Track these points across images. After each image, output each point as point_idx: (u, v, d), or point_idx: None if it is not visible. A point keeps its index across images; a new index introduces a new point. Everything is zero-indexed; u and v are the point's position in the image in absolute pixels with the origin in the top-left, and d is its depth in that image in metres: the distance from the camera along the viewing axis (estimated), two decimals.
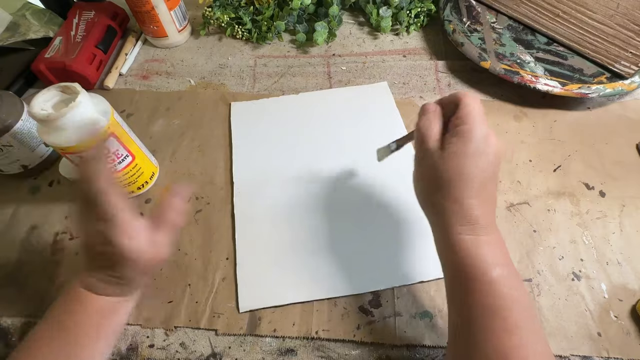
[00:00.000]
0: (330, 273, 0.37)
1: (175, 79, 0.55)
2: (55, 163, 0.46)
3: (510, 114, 0.48)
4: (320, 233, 0.39)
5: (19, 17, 0.56)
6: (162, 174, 0.45)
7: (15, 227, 0.41)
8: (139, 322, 0.35)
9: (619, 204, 0.40)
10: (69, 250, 0.40)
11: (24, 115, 0.41)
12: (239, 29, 0.58)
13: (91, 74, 0.52)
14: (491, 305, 0.24)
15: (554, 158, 0.44)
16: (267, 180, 0.43)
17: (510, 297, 0.24)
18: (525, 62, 0.50)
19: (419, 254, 0.37)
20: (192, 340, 0.35)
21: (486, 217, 0.26)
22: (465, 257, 0.25)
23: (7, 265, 0.39)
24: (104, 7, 0.57)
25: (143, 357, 0.34)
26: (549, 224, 0.39)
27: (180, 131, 0.48)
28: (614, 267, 0.37)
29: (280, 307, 0.35)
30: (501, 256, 0.26)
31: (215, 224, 0.41)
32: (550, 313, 0.34)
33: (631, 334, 0.33)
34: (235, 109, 0.50)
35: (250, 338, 0.34)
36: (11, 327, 0.36)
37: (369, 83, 0.52)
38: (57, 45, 0.52)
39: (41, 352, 0.26)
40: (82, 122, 0.33)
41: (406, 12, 0.57)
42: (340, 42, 0.58)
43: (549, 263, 0.37)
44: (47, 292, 0.37)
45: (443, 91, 0.51)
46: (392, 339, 0.34)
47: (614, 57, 0.47)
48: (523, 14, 0.54)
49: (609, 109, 0.48)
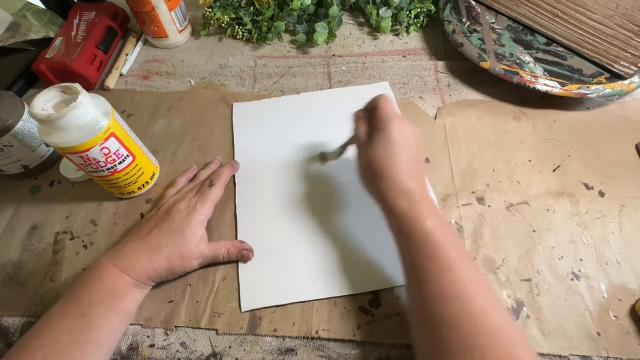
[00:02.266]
0: (330, 273, 0.37)
1: (176, 79, 0.55)
2: (55, 163, 0.46)
3: (509, 114, 0.48)
4: (321, 232, 0.39)
5: (20, 18, 0.56)
6: (163, 174, 0.45)
7: (16, 227, 0.42)
8: (140, 321, 0.35)
9: (618, 204, 0.40)
10: (70, 250, 0.40)
11: (25, 115, 0.41)
12: (239, 30, 0.58)
13: (92, 75, 0.52)
14: (428, 250, 0.29)
15: (553, 158, 0.44)
16: (269, 180, 0.43)
17: (443, 241, 0.29)
18: (524, 63, 0.50)
19: None
20: (193, 340, 0.35)
21: (417, 188, 0.32)
22: (403, 215, 0.31)
23: (7, 265, 0.39)
24: (104, 7, 0.57)
25: (143, 357, 0.34)
26: (548, 224, 0.39)
27: (180, 131, 0.49)
28: (613, 267, 0.37)
29: (280, 307, 0.36)
30: (431, 212, 0.31)
31: (216, 223, 0.41)
32: (549, 313, 0.35)
33: (630, 333, 0.33)
34: (237, 109, 0.50)
35: (250, 338, 0.34)
36: (11, 327, 0.36)
37: (369, 83, 0.52)
38: (58, 45, 0.52)
39: (57, 323, 0.30)
40: (82, 122, 0.33)
41: (406, 12, 0.57)
42: (340, 42, 0.58)
43: (549, 263, 0.37)
44: (47, 292, 0.37)
45: (443, 91, 0.51)
46: (392, 338, 0.34)
47: (613, 58, 0.47)
48: (522, 15, 0.54)
49: (608, 109, 0.48)
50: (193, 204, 0.37)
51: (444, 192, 0.42)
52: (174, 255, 0.34)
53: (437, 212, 0.31)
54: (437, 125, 0.47)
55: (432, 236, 0.29)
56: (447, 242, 0.29)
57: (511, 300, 0.35)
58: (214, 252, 0.36)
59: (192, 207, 0.37)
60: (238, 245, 0.37)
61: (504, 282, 0.36)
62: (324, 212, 0.41)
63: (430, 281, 0.28)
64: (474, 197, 0.41)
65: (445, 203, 0.41)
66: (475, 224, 0.40)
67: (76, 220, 0.42)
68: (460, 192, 0.42)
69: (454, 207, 0.41)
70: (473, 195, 0.42)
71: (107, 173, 0.38)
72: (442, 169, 0.44)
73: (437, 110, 0.49)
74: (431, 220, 0.30)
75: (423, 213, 0.30)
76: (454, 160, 0.44)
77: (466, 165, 0.44)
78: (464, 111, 0.49)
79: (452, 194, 0.42)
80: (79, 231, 0.41)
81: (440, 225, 0.30)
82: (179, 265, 0.35)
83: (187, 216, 0.36)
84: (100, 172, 0.37)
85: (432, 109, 0.49)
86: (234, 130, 0.48)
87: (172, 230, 0.35)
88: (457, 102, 0.50)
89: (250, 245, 0.38)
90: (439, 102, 0.50)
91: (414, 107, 0.49)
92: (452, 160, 0.44)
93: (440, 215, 0.31)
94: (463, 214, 0.40)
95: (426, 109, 0.49)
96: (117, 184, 0.40)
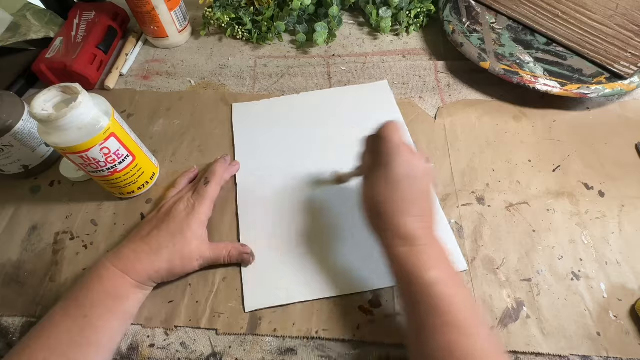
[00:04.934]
0: (330, 273, 0.37)
1: (176, 79, 0.55)
2: (56, 163, 0.46)
3: (509, 114, 0.48)
4: (322, 232, 0.39)
5: (20, 18, 0.56)
6: (163, 174, 0.45)
7: (16, 227, 0.42)
8: (140, 321, 0.35)
9: (618, 204, 0.40)
10: (70, 250, 0.40)
11: (25, 115, 0.41)
12: (239, 30, 0.58)
13: (92, 75, 0.52)
14: (430, 305, 0.26)
15: (553, 158, 0.44)
16: (270, 180, 0.44)
17: (449, 295, 0.26)
18: (524, 63, 0.50)
19: None
20: (193, 340, 0.35)
21: (419, 230, 0.29)
22: (403, 265, 0.28)
23: (7, 265, 0.39)
24: (104, 7, 0.57)
25: (144, 357, 0.34)
26: (548, 224, 0.39)
27: (180, 131, 0.49)
28: (613, 267, 0.37)
29: (280, 307, 0.36)
30: (436, 261, 0.28)
31: (217, 224, 0.41)
32: (549, 313, 0.35)
33: (630, 333, 0.33)
34: (237, 109, 0.50)
35: (250, 338, 0.34)
36: (11, 327, 0.36)
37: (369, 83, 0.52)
38: (58, 45, 0.52)
39: (58, 325, 0.30)
40: (82, 122, 0.33)
41: (406, 12, 0.57)
42: (340, 42, 0.58)
43: (549, 263, 0.37)
44: (47, 292, 0.37)
45: (443, 91, 0.51)
46: (392, 338, 0.34)
47: (613, 58, 0.47)
48: (522, 15, 0.54)
49: (608, 109, 0.48)
50: (192, 204, 0.37)
51: (444, 192, 0.42)
52: (174, 256, 0.34)
53: (446, 260, 0.29)
54: (437, 125, 0.47)
55: (435, 289, 0.26)
56: (454, 296, 0.26)
57: (511, 300, 0.35)
58: (215, 254, 0.36)
59: (192, 208, 0.37)
60: (239, 249, 0.37)
61: (504, 282, 0.36)
62: (326, 211, 0.41)
63: (431, 339, 0.25)
64: (474, 197, 0.41)
65: (445, 203, 0.41)
66: (475, 224, 0.40)
67: (76, 220, 0.42)
68: (460, 192, 0.42)
69: (454, 207, 0.41)
70: (473, 195, 0.42)
71: (107, 173, 0.38)
72: (442, 169, 0.44)
73: (437, 110, 0.49)
74: (436, 271, 0.27)
75: (426, 262, 0.27)
76: (454, 160, 0.44)
77: (466, 165, 0.44)
78: (464, 111, 0.49)
79: (452, 194, 0.42)
80: (79, 231, 0.41)
81: (447, 277, 0.27)
82: (180, 266, 0.35)
83: (187, 217, 0.36)
84: (100, 172, 0.37)
85: (432, 109, 0.49)
86: (234, 131, 0.48)
87: (173, 231, 0.35)
88: (457, 102, 0.50)
89: (251, 249, 0.38)
90: (438, 102, 0.50)
91: (414, 107, 0.49)
92: (452, 160, 0.44)
93: (449, 265, 0.29)
94: (463, 214, 0.40)
95: (426, 109, 0.49)
96: (117, 184, 0.40)
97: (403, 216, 0.29)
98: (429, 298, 0.26)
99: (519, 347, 0.33)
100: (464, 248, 0.38)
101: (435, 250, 0.29)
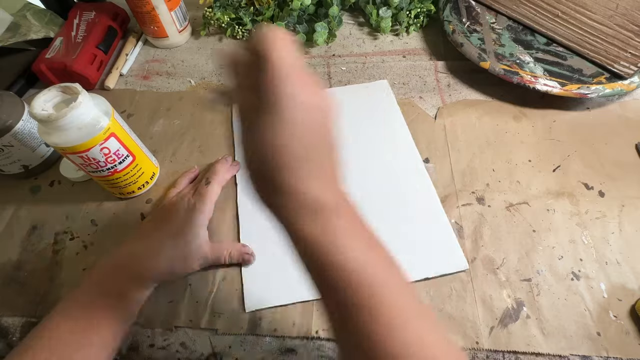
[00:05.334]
0: None
1: (176, 79, 0.55)
2: (56, 163, 0.46)
3: (509, 114, 0.48)
4: None
5: (20, 18, 0.56)
6: (163, 174, 0.45)
7: (16, 227, 0.42)
8: (140, 322, 0.35)
9: (618, 204, 0.40)
10: (70, 250, 0.40)
11: (25, 115, 0.41)
12: (239, 30, 0.58)
13: (92, 75, 0.52)
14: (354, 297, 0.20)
15: (553, 158, 0.44)
16: None
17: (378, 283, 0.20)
18: (524, 63, 0.50)
19: (419, 253, 0.37)
20: (193, 340, 0.35)
21: (329, 195, 0.21)
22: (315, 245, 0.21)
23: (7, 265, 0.39)
24: (104, 7, 0.57)
25: (144, 357, 0.34)
26: (548, 224, 0.39)
27: (180, 131, 0.49)
28: (613, 267, 0.37)
29: (280, 307, 0.36)
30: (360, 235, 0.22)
31: (217, 224, 0.41)
32: (549, 313, 0.35)
33: (630, 333, 0.33)
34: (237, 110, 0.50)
35: (250, 338, 0.34)
36: (11, 327, 0.36)
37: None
38: (58, 45, 0.52)
39: (59, 325, 0.30)
40: (82, 122, 0.33)
41: (406, 12, 0.57)
42: (340, 42, 0.58)
43: (549, 263, 0.37)
44: (47, 292, 0.37)
45: (443, 91, 0.51)
46: None
47: (613, 58, 0.47)
48: (522, 15, 0.54)
49: (608, 109, 0.48)
50: (192, 204, 0.37)
51: (444, 192, 0.42)
52: (175, 256, 0.34)
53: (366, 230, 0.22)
54: (437, 125, 0.47)
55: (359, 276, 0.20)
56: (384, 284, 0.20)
57: (511, 300, 0.35)
58: (216, 254, 0.36)
59: (192, 208, 0.37)
60: (240, 249, 0.37)
61: (504, 282, 0.36)
62: None
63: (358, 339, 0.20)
64: (474, 197, 0.41)
65: (445, 203, 0.41)
66: (476, 224, 0.40)
67: (76, 220, 0.42)
68: (460, 192, 0.42)
69: (454, 207, 0.41)
70: (473, 195, 0.42)
71: (107, 173, 0.38)
72: (442, 169, 0.44)
73: (437, 110, 0.49)
74: (359, 250, 0.21)
75: (346, 239, 0.21)
76: (454, 160, 0.44)
77: (466, 165, 0.44)
78: (464, 111, 0.49)
79: (452, 194, 0.42)
80: (79, 231, 0.41)
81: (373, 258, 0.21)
82: (180, 267, 0.35)
83: (187, 217, 0.36)
84: (100, 172, 0.37)
85: (432, 109, 0.49)
86: (234, 131, 0.48)
87: (173, 232, 0.35)
88: (457, 102, 0.50)
89: (252, 250, 0.38)
90: (439, 102, 0.50)
91: (414, 107, 0.49)
92: (452, 160, 0.44)
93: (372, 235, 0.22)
94: (463, 214, 0.40)
95: (426, 109, 0.49)
96: (117, 184, 0.40)
97: (306, 180, 0.21)
98: (360, 288, 0.20)
99: (519, 347, 0.33)
100: (464, 248, 0.38)
101: (354, 217, 0.22)
